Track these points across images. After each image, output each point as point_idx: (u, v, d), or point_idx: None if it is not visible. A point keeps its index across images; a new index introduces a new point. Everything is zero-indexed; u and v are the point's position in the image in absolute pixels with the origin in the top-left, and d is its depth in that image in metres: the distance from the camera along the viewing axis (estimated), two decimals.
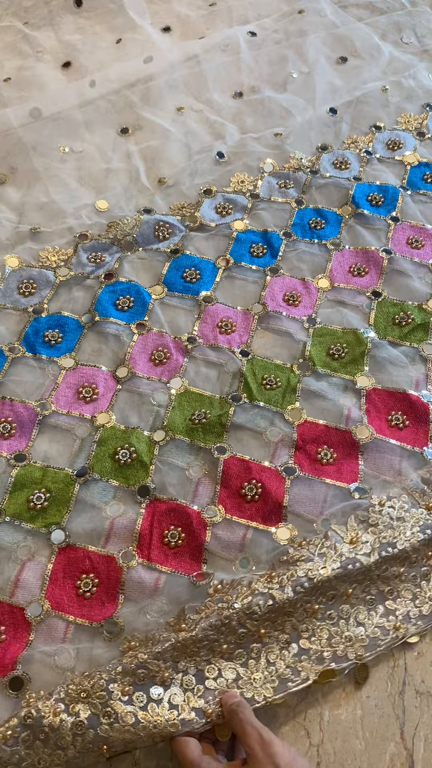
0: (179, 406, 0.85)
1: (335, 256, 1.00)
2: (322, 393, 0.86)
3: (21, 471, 0.79)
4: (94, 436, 0.82)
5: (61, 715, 0.61)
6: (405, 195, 1.07)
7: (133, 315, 0.93)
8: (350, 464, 0.81)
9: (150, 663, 0.64)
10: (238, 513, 0.77)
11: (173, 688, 0.64)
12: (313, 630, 0.70)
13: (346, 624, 0.71)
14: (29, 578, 0.72)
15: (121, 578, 0.72)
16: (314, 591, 0.70)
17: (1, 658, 0.68)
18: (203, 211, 1.05)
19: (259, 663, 0.67)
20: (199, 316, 0.94)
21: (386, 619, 0.71)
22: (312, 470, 0.80)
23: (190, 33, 1.31)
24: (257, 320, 0.93)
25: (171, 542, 0.75)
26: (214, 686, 0.65)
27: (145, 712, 0.62)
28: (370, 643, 0.70)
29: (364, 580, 0.72)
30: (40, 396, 0.86)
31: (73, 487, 0.78)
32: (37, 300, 0.94)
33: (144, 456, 0.80)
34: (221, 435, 0.82)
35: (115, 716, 0.61)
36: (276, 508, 0.77)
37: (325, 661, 0.68)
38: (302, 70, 1.24)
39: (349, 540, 0.73)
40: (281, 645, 0.68)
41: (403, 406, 0.85)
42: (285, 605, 0.68)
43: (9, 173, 1.09)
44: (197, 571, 0.73)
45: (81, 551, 0.74)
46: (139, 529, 0.75)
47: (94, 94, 1.19)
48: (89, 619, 0.70)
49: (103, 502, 0.77)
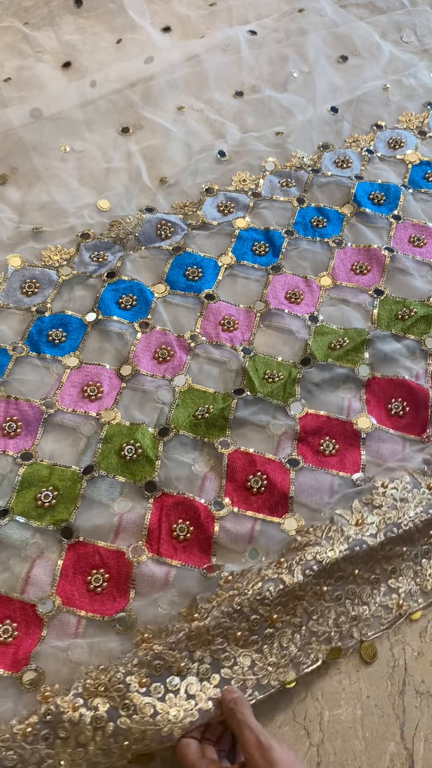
0: (183, 403, 0.85)
1: (337, 254, 1.01)
2: (323, 385, 0.87)
3: (28, 470, 0.79)
4: (99, 433, 0.82)
5: (80, 709, 0.61)
6: (407, 193, 1.07)
7: (136, 313, 0.94)
8: (352, 454, 0.82)
9: (165, 654, 0.64)
10: (245, 506, 0.77)
11: (189, 678, 0.64)
12: (321, 611, 0.70)
13: (352, 604, 0.72)
14: (39, 575, 0.72)
15: (132, 573, 0.72)
16: (322, 573, 0.70)
17: (15, 653, 0.68)
18: (205, 209, 1.05)
19: (272, 648, 0.67)
20: (202, 314, 0.94)
21: (389, 598, 0.73)
22: (315, 461, 0.81)
23: (190, 33, 1.32)
24: (259, 318, 0.94)
25: (180, 536, 0.75)
26: (230, 675, 0.65)
27: (163, 703, 0.62)
28: (374, 621, 0.72)
29: (369, 560, 0.73)
30: (45, 395, 0.86)
31: (80, 485, 0.78)
32: (40, 299, 0.95)
33: (149, 451, 0.80)
34: (224, 429, 0.83)
35: (133, 708, 0.61)
36: (282, 500, 0.78)
37: (332, 641, 0.69)
38: (303, 70, 1.24)
39: (355, 522, 0.74)
40: (293, 629, 0.69)
41: (402, 392, 0.86)
42: (295, 589, 0.69)
43: (10, 173, 1.09)
44: (207, 564, 0.73)
45: (90, 547, 0.74)
46: (147, 524, 0.75)
47: (95, 94, 1.19)
48: (101, 614, 0.70)
49: (110, 499, 0.78)
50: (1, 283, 0.96)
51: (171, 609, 0.70)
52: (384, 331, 0.91)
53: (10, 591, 0.71)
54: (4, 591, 0.71)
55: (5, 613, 0.70)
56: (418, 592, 0.74)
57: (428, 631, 0.73)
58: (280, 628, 0.68)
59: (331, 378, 0.88)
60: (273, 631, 0.68)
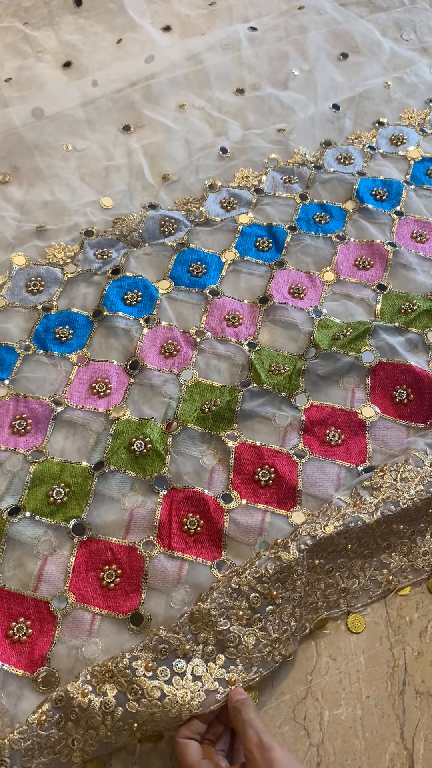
0: (190, 398, 0.86)
1: (340, 250, 1.02)
2: (328, 376, 0.88)
3: (39, 467, 0.80)
4: (109, 429, 0.83)
5: (89, 695, 0.62)
6: (409, 190, 1.08)
7: (141, 309, 0.94)
8: (358, 444, 0.83)
9: (170, 637, 0.65)
10: (254, 498, 0.78)
11: (195, 660, 0.65)
12: (312, 583, 0.71)
13: (342, 576, 0.73)
14: (52, 572, 0.73)
15: (144, 567, 0.73)
16: (316, 548, 0.71)
17: (30, 653, 0.69)
18: (208, 205, 1.06)
19: (275, 624, 0.68)
20: (207, 310, 0.95)
21: (380, 572, 0.74)
22: (322, 452, 0.82)
23: (190, 32, 1.33)
24: (263, 313, 0.95)
25: (190, 530, 0.76)
26: (235, 654, 0.66)
27: (170, 685, 0.62)
28: (362, 594, 0.73)
29: (364, 536, 0.74)
30: (54, 392, 0.86)
31: (91, 481, 0.79)
32: (46, 297, 0.95)
33: (158, 446, 0.81)
34: (231, 421, 0.83)
35: (141, 692, 0.61)
36: (290, 493, 0.79)
37: (319, 611, 0.72)
38: (303, 68, 1.25)
39: (353, 504, 0.75)
40: (293, 603, 0.69)
41: (407, 378, 0.87)
42: (292, 564, 0.69)
43: (12, 172, 1.10)
44: (218, 558, 0.74)
45: (102, 543, 0.75)
46: (158, 519, 0.76)
47: (96, 93, 1.20)
48: (115, 611, 0.71)
49: (121, 494, 0.78)
50: (6, 281, 0.96)
51: (183, 606, 0.71)
52: (387, 324, 0.92)
53: (22, 588, 0.72)
54: (17, 588, 0.72)
55: (19, 611, 0.71)
56: (409, 569, 0.75)
57: (428, 631, 0.73)
58: (280, 604, 0.68)
59: (335, 368, 0.88)
60: (274, 608, 0.68)
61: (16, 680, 0.68)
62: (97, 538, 0.75)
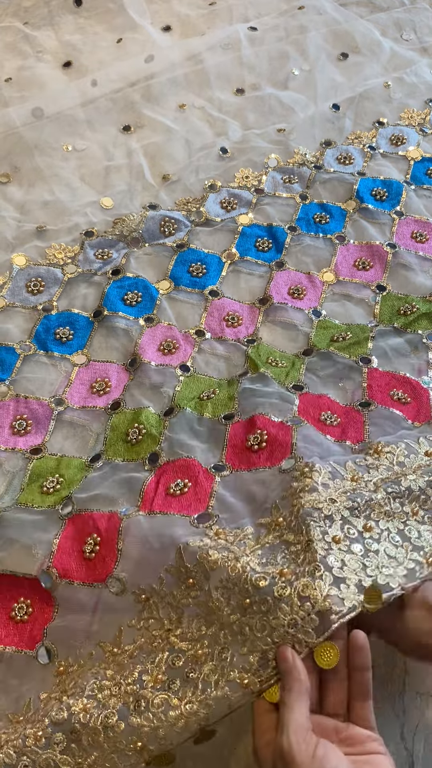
0: (187, 387, 0.86)
1: (340, 250, 1.02)
2: (325, 377, 0.87)
3: (37, 463, 0.80)
4: (107, 425, 0.83)
5: (91, 710, 0.58)
6: (409, 190, 1.09)
7: (141, 310, 0.95)
8: (355, 428, 0.81)
9: (181, 645, 0.62)
10: (246, 465, 0.76)
11: (208, 664, 0.59)
12: (342, 559, 0.61)
13: (376, 556, 0.62)
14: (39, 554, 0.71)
15: (119, 528, 0.70)
16: (326, 521, 0.63)
17: (31, 630, 0.68)
18: (208, 206, 1.06)
19: (291, 605, 0.58)
20: (206, 310, 0.95)
21: None
22: (318, 427, 0.80)
23: (190, 32, 1.33)
24: (263, 313, 0.95)
25: (176, 492, 0.73)
26: (251, 649, 0.59)
27: (177, 697, 0.58)
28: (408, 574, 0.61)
29: (380, 516, 0.66)
30: (54, 392, 0.87)
31: (87, 472, 0.78)
32: (46, 298, 0.96)
33: (153, 430, 0.80)
34: (230, 407, 0.83)
35: (146, 704, 0.58)
36: (284, 447, 0.75)
37: (362, 586, 0.59)
38: (303, 68, 1.26)
39: (351, 478, 0.70)
40: (312, 576, 0.59)
41: (404, 386, 0.86)
42: (296, 531, 0.64)
43: (12, 172, 1.10)
44: (201, 512, 0.71)
45: (86, 515, 0.72)
46: (144, 490, 0.73)
47: (96, 92, 1.20)
48: (93, 580, 0.68)
49: (108, 476, 0.77)
50: (7, 282, 0.97)
51: (156, 564, 0.66)
52: (386, 326, 0.92)
53: (16, 569, 0.70)
54: (11, 570, 0.70)
55: (19, 591, 0.70)
56: None
57: None
58: (295, 579, 0.59)
59: (334, 370, 0.88)
60: (288, 587, 0.59)
61: (25, 660, 0.67)
62: (81, 512, 0.73)
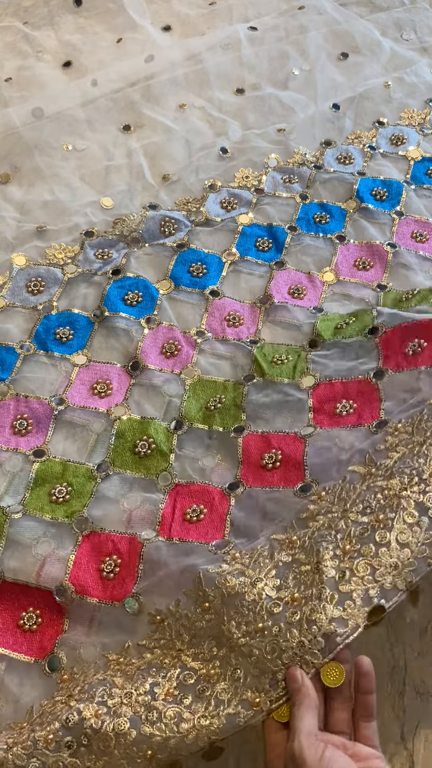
0: (194, 395, 0.87)
1: (340, 250, 1.02)
2: (335, 356, 0.88)
3: (41, 466, 0.80)
4: (110, 430, 0.83)
5: (103, 717, 0.59)
6: (409, 190, 1.09)
7: (141, 310, 0.95)
8: (371, 408, 0.80)
9: (193, 664, 0.63)
10: (260, 483, 0.77)
11: (221, 683, 0.61)
12: (351, 570, 0.63)
13: (388, 550, 0.63)
14: (51, 572, 0.72)
15: (141, 552, 0.71)
16: (338, 536, 0.66)
17: (41, 640, 0.69)
18: (208, 206, 1.06)
19: (300, 629, 0.60)
20: (207, 310, 0.95)
21: None
22: (331, 424, 0.80)
23: (190, 32, 1.33)
24: (264, 313, 0.95)
25: (192, 518, 0.75)
26: (260, 670, 0.61)
27: (189, 711, 0.60)
28: (419, 566, 0.63)
29: (393, 498, 0.67)
30: (54, 392, 0.87)
31: (95, 482, 0.79)
32: (46, 298, 0.96)
33: (163, 445, 0.81)
34: (238, 417, 0.84)
35: (158, 715, 0.59)
36: (297, 466, 0.77)
37: (372, 600, 0.61)
38: (303, 67, 1.26)
39: (368, 472, 0.71)
40: (319, 599, 0.62)
41: (418, 331, 0.84)
42: (312, 560, 0.65)
43: (12, 172, 1.10)
44: (219, 539, 0.72)
45: (104, 536, 0.74)
46: (161, 514, 0.76)
47: (96, 92, 1.20)
48: (111, 599, 0.70)
49: (120, 495, 0.78)
50: (7, 282, 0.97)
51: (178, 595, 0.68)
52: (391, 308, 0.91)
53: (27, 579, 0.71)
54: (22, 580, 0.71)
55: (29, 600, 0.71)
56: None
57: (428, 631, 0.73)
58: (304, 605, 0.62)
59: (342, 349, 0.87)
60: (298, 610, 0.62)
61: (26, 668, 0.68)
62: (98, 531, 0.75)
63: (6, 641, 0.69)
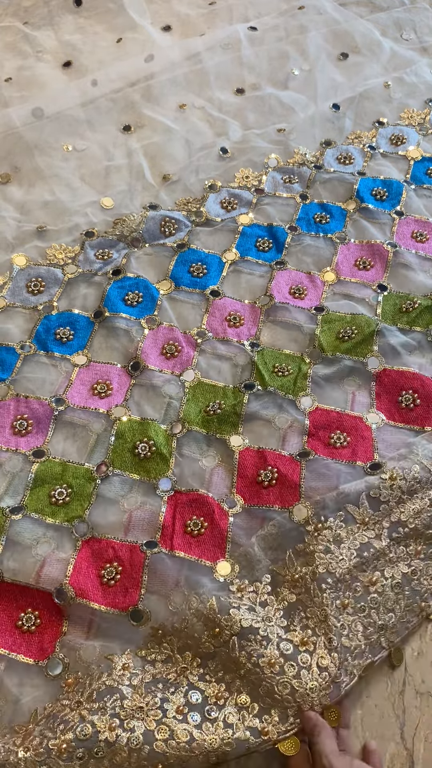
0: (193, 398, 0.86)
1: (341, 250, 1.02)
2: (333, 378, 0.88)
3: (41, 467, 0.80)
4: (110, 430, 0.83)
5: (116, 729, 0.61)
6: (409, 189, 1.08)
7: (142, 310, 0.95)
8: (364, 446, 0.82)
9: (199, 684, 0.65)
10: (257, 500, 0.78)
11: (228, 708, 0.64)
12: (348, 626, 0.69)
13: (377, 613, 0.71)
14: (51, 571, 0.72)
15: (144, 563, 0.72)
16: (338, 585, 0.70)
17: (40, 642, 0.69)
18: (208, 206, 1.06)
19: (311, 672, 0.65)
20: (207, 311, 0.95)
21: (413, 600, 0.72)
22: (326, 453, 0.81)
23: (190, 32, 1.33)
24: (264, 313, 0.95)
25: (194, 531, 0.76)
26: (270, 703, 0.65)
27: (200, 731, 0.62)
28: (399, 628, 0.71)
29: (385, 565, 0.73)
30: (54, 393, 0.87)
31: (94, 483, 0.79)
32: (47, 298, 0.95)
33: (163, 448, 0.81)
34: (236, 425, 0.83)
35: (170, 733, 0.61)
36: (293, 488, 0.78)
37: (364, 655, 0.69)
38: (303, 68, 1.25)
39: (362, 521, 0.74)
40: (329, 648, 0.67)
41: (413, 384, 0.86)
42: (316, 605, 0.69)
43: (12, 172, 1.10)
44: (220, 559, 0.74)
45: (104, 542, 0.74)
46: (162, 521, 0.76)
47: (96, 92, 1.20)
48: (113, 607, 0.71)
49: (120, 495, 0.78)
50: (7, 282, 0.97)
51: (182, 604, 0.70)
52: (390, 326, 0.92)
53: (26, 580, 0.72)
54: (22, 581, 0.72)
55: (27, 601, 0.71)
56: None
57: (428, 631, 0.72)
58: (314, 651, 0.67)
59: (339, 370, 0.88)
60: (308, 656, 0.66)
61: (25, 668, 0.68)
62: (98, 537, 0.75)
63: (5, 641, 0.69)
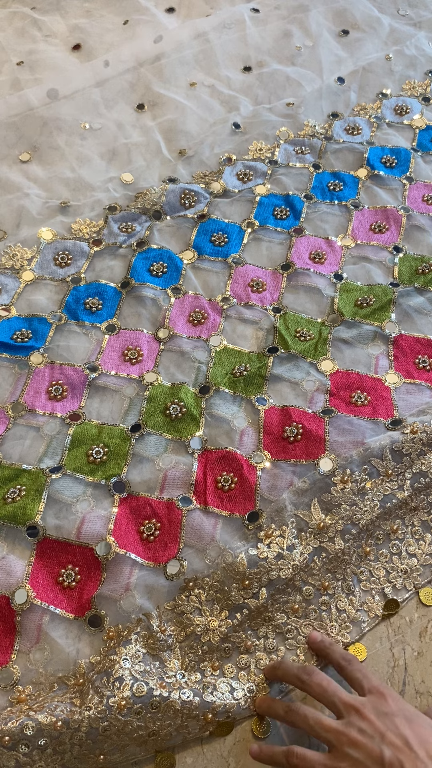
0: (219, 362, 0.84)
1: (356, 216, 1.00)
2: (352, 342, 0.86)
3: (77, 429, 0.78)
4: (143, 394, 0.81)
5: (168, 688, 0.61)
6: (416, 156, 1.06)
7: (167, 280, 0.92)
8: (385, 404, 0.80)
9: (232, 636, 0.66)
10: (284, 455, 0.76)
11: (257, 653, 0.66)
12: (370, 571, 0.70)
13: (399, 558, 0.71)
14: (92, 527, 0.71)
15: (182, 521, 0.71)
16: (362, 535, 0.70)
17: (79, 597, 0.67)
18: (225, 178, 1.03)
19: (331, 614, 0.67)
20: (231, 277, 0.93)
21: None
22: (348, 411, 0.80)
23: (194, 14, 1.29)
24: (286, 278, 0.93)
25: (224, 487, 0.74)
26: (294, 645, 0.66)
27: (237, 681, 0.64)
28: (424, 571, 0.71)
29: (405, 514, 0.73)
30: (87, 359, 0.84)
31: (129, 442, 0.77)
32: (74, 270, 0.93)
33: (193, 409, 0.79)
34: (261, 386, 0.81)
35: (213, 688, 0.63)
36: (318, 442, 0.76)
37: (387, 596, 0.69)
38: (306, 44, 1.22)
39: (386, 473, 0.73)
40: (346, 592, 0.69)
41: (429, 350, 0.85)
42: (339, 555, 0.69)
43: (32, 152, 1.06)
44: (250, 510, 0.73)
45: (142, 499, 0.73)
46: (194, 478, 0.74)
47: (109, 73, 1.16)
48: (153, 560, 0.69)
49: (156, 455, 0.77)
50: (35, 255, 0.94)
51: (217, 558, 0.69)
52: (407, 287, 0.90)
53: (67, 536, 0.70)
54: (63, 538, 0.70)
55: (67, 558, 0.69)
56: None
57: (428, 631, 0.69)
58: (333, 594, 0.68)
59: (359, 335, 0.86)
60: (328, 599, 0.68)
61: (68, 622, 0.67)
62: (136, 495, 0.73)
63: (47, 596, 0.67)
